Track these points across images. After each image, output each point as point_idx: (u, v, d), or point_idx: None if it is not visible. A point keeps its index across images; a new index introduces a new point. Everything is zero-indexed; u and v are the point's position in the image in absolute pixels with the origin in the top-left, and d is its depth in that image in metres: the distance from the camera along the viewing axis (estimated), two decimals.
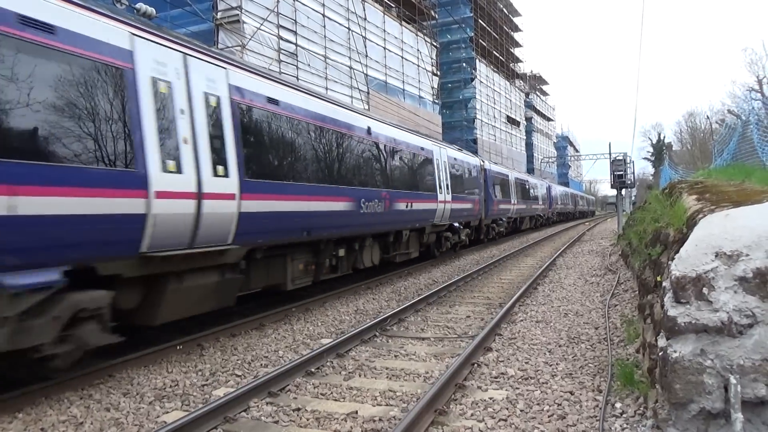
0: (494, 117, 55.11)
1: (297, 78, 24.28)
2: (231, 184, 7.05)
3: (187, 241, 6.48)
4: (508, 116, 60.79)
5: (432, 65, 39.40)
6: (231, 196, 7.02)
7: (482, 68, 51.99)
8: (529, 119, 72.59)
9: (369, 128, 11.92)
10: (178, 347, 7.24)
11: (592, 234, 31.84)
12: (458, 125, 48.46)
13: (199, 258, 6.68)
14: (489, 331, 7.55)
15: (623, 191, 26.05)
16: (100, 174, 5.49)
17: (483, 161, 23.53)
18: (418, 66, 36.79)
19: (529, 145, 72.32)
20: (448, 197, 16.82)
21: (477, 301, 10.59)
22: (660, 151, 77.50)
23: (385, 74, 32.42)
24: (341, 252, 11.00)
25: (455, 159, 18.53)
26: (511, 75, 63.03)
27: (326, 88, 26.37)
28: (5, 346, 4.79)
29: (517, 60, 67.28)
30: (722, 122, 32.02)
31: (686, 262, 3.69)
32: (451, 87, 48.59)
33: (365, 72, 29.97)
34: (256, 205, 7.55)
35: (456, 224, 18.30)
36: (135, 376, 6.21)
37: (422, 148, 15.30)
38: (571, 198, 61.16)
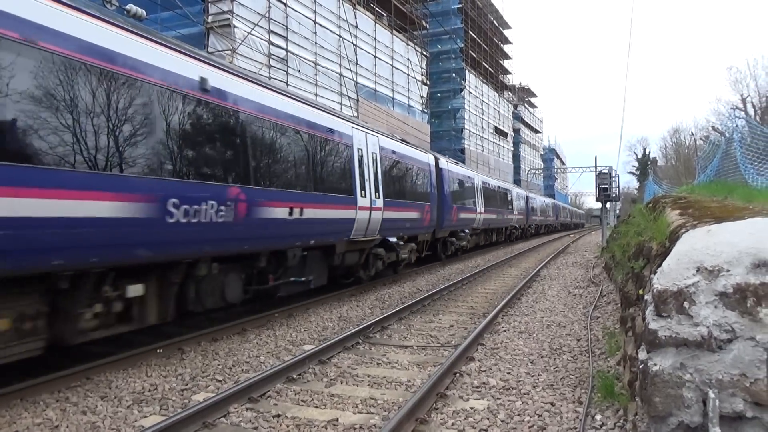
0: (482, 128, 55.50)
1: (287, 84, 24.29)
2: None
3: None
4: (496, 127, 61.22)
5: (422, 74, 39.60)
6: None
7: (471, 79, 52.39)
8: (516, 131, 73.17)
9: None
10: (158, 351, 7.15)
11: (577, 246, 32.09)
12: (446, 135, 48.75)
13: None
14: (472, 341, 7.56)
15: (608, 204, 26.28)
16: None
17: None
18: (408, 75, 36.96)
19: (517, 157, 72.88)
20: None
21: (461, 311, 10.62)
22: (645, 166, 78.57)
23: (375, 82, 32.51)
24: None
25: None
26: (499, 86, 63.58)
27: (315, 95, 26.38)
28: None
29: (506, 72, 67.97)
30: (706, 139, 32.48)
31: (668, 276, 3.71)
32: (440, 96, 48.92)
33: (355, 79, 30.03)
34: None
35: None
36: (113, 379, 6.13)
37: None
38: (553, 209, 60.87)
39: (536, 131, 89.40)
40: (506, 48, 66.13)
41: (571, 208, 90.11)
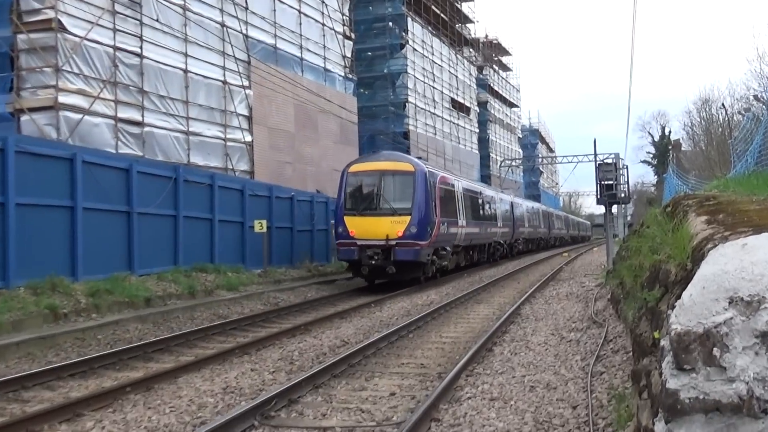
0: (434, 100, 56.27)
1: (141, 38, 23.84)
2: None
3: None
4: (453, 100, 62.25)
5: (343, 24, 39.82)
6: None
7: (417, 30, 53.09)
8: (483, 104, 74.60)
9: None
10: None
11: (573, 270, 32.85)
12: (382, 111, 49.12)
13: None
14: (422, 416, 7.55)
15: (614, 208, 27.07)
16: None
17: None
18: (324, 25, 37.10)
19: (484, 142, 74.17)
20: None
21: (407, 370, 10.61)
22: (664, 152, 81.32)
23: (275, 36, 32.45)
24: None
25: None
26: (457, 41, 64.70)
27: (185, 54, 26.01)
28: None
29: (467, 20, 69.19)
30: (747, 112, 33.99)
31: (690, 311, 3.77)
32: (371, 56, 49.37)
33: (245, 32, 29.84)
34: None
35: None
36: None
37: None
38: (544, 218, 62.45)
39: (511, 104, 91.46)
40: None
41: (567, 215, 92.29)
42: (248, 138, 30.00)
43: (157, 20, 24.66)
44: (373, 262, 22.91)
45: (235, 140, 29.13)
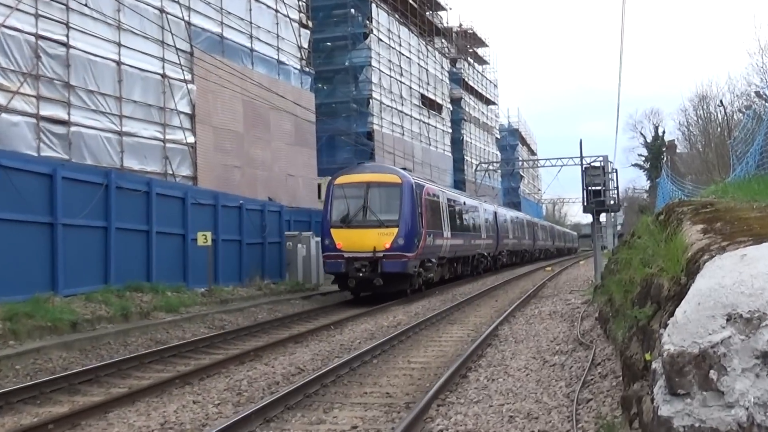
0: (401, 97, 56.43)
1: (67, 25, 23.58)
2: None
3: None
4: (423, 96, 62.49)
5: (300, 11, 39.80)
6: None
7: (382, 18, 53.24)
8: (457, 101, 75.03)
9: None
10: None
11: (557, 285, 33.04)
12: (343, 109, 49.14)
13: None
14: None
15: (602, 217, 27.34)
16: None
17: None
18: (277, 11, 37.08)
19: (458, 143, 74.61)
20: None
21: (371, 400, 10.58)
22: (658, 155, 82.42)
23: (221, 23, 32.33)
24: None
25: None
26: (428, 30, 64.97)
27: (119, 44, 25.78)
28: None
29: (438, 7, 69.54)
30: (747, 109, 34.56)
31: (684, 330, 3.80)
32: (331, 47, 49.46)
33: (187, 19, 29.69)
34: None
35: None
36: None
37: None
38: (529, 228, 63.24)
39: (489, 102, 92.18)
40: None
41: (553, 225, 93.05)
42: (190, 139, 29.79)
43: (86, 5, 24.33)
44: (361, 274, 25.49)
45: (176, 141, 28.90)
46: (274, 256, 30.28)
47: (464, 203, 38.68)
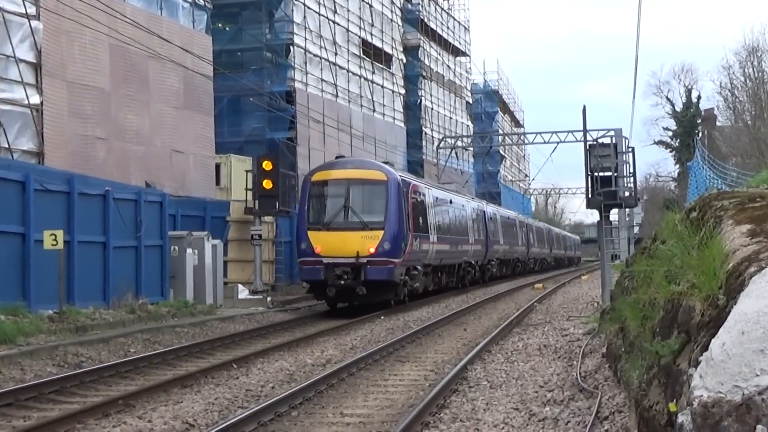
0: (334, 43, 56.36)
1: None
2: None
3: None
4: (365, 42, 62.42)
5: None
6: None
7: None
8: (413, 50, 74.94)
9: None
10: None
11: (550, 309, 33.37)
12: (254, 60, 49.05)
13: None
14: None
15: (614, 214, 27.39)
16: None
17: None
18: None
19: (414, 109, 74.47)
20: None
21: None
22: (691, 129, 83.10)
23: None
24: None
25: None
26: None
27: None
28: None
29: None
30: None
31: (723, 369, 4.13)
32: None
33: None
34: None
35: None
36: None
37: None
38: (522, 230, 64.27)
39: (458, 52, 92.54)
40: None
41: (550, 228, 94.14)
42: (35, 99, 29.32)
43: None
44: (342, 282, 30.14)
45: (13, 102, 28.43)
46: (153, 266, 30.02)
47: (450, 202, 44.89)
